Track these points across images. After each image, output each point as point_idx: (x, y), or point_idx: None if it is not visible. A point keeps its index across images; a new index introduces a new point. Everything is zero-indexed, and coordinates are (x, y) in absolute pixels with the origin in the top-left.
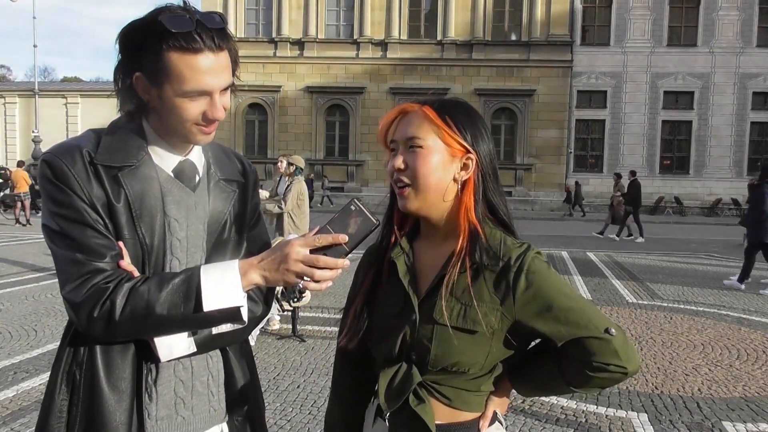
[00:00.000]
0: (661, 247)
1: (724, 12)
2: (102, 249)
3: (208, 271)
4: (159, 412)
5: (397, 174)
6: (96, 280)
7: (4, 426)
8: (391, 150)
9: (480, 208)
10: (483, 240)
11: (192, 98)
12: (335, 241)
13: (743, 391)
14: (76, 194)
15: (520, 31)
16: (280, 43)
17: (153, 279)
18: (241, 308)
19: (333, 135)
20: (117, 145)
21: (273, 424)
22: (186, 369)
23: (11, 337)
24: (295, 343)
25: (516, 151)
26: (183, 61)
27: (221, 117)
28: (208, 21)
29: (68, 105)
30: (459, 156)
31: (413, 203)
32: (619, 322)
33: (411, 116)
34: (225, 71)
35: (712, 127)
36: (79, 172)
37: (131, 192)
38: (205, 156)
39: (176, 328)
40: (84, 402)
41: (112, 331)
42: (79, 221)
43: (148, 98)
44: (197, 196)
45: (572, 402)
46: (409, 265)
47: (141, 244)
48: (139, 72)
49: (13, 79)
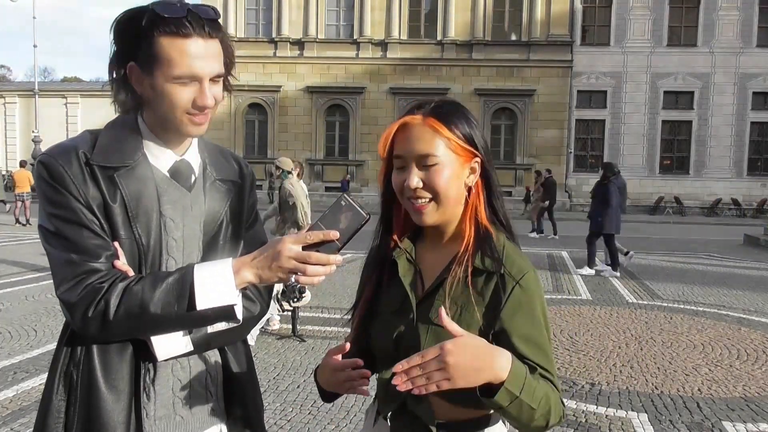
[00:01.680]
0: (661, 247)
1: (724, 12)
2: (97, 249)
3: (201, 269)
4: (157, 412)
5: (415, 192)
6: (91, 280)
7: (4, 426)
8: (395, 165)
9: (487, 209)
10: (492, 243)
11: (182, 83)
12: (327, 237)
13: (743, 391)
14: (72, 195)
15: (520, 31)
16: (280, 43)
17: (147, 278)
18: (235, 307)
19: (333, 135)
20: (113, 146)
21: (273, 424)
22: (184, 369)
23: (11, 337)
24: (295, 343)
25: (516, 151)
26: (173, 45)
27: (211, 105)
28: (200, 11)
29: (68, 105)
30: (468, 162)
31: (433, 217)
32: (619, 322)
33: (417, 131)
34: (215, 58)
35: (712, 127)
36: (75, 173)
37: (127, 192)
38: (202, 156)
39: (171, 327)
40: (81, 402)
41: (107, 331)
42: (75, 222)
43: (141, 89)
44: (193, 196)
45: (572, 402)
46: (411, 266)
47: (137, 243)
48: (132, 61)
49: (13, 79)
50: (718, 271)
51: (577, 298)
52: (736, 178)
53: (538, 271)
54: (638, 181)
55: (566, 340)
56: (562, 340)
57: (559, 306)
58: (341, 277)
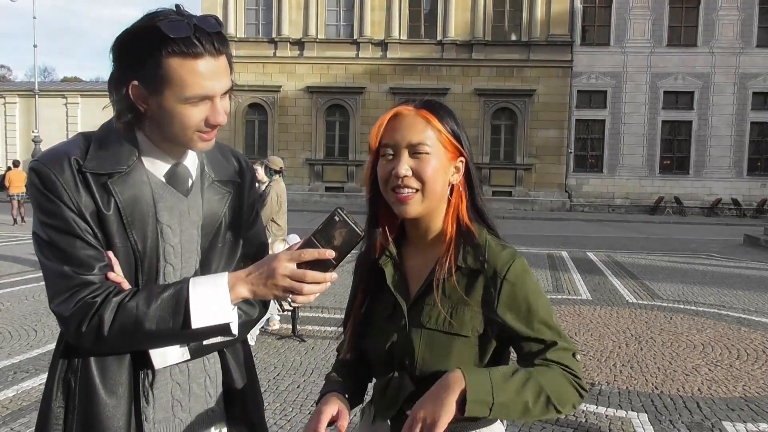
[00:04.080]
0: (661, 247)
1: (724, 12)
2: (90, 260)
3: (196, 286)
4: (156, 415)
5: (402, 180)
6: (83, 294)
7: (4, 426)
8: (382, 155)
9: (470, 209)
10: (474, 240)
11: (194, 104)
12: (322, 256)
13: (743, 391)
14: (65, 204)
15: (520, 31)
16: (280, 43)
17: (141, 293)
18: (231, 323)
19: (333, 135)
20: (107, 151)
21: (273, 424)
22: (183, 372)
23: (11, 337)
24: (295, 343)
25: (516, 151)
26: (184, 66)
27: (223, 122)
28: (205, 25)
29: (68, 105)
30: (454, 159)
31: (417, 209)
32: (619, 322)
33: (410, 120)
34: (225, 75)
35: (712, 127)
36: (68, 180)
37: (121, 199)
38: (199, 157)
39: (165, 343)
40: (80, 409)
41: (102, 345)
42: (68, 232)
43: (146, 107)
44: (190, 201)
45: None
46: (397, 271)
47: (133, 251)
48: (135, 80)
49: (13, 79)
50: (718, 271)
51: (577, 298)
52: (736, 178)
53: (538, 270)
54: (638, 181)
55: None
56: None
57: (559, 306)
58: (341, 277)
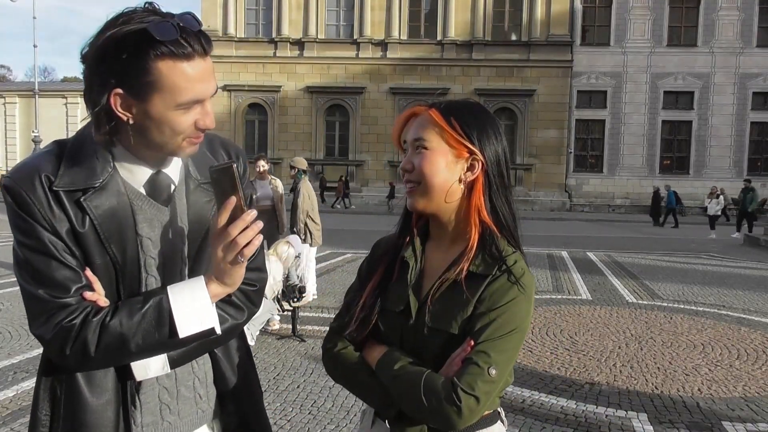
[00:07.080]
0: (661, 247)
1: (724, 12)
2: (66, 282)
3: (175, 294)
4: (144, 419)
5: (405, 174)
6: (60, 318)
7: (4, 426)
8: (404, 151)
9: (489, 211)
10: (495, 247)
11: (186, 109)
12: (228, 207)
13: (743, 391)
14: (39, 223)
15: (520, 31)
16: (280, 43)
17: (122, 310)
18: (215, 326)
19: (333, 135)
20: (80, 166)
21: (273, 424)
22: (170, 377)
23: (11, 337)
24: (295, 343)
25: (516, 151)
26: (175, 70)
27: (213, 126)
28: (189, 24)
29: (68, 105)
30: (464, 157)
31: (419, 202)
32: (619, 322)
33: (420, 119)
34: (212, 76)
35: (712, 127)
36: (40, 199)
37: (96, 215)
38: (183, 160)
39: (152, 354)
40: (66, 416)
41: (88, 365)
42: (43, 252)
43: (129, 116)
44: (172, 209)
45: (572, 402)
46: (417, 268)
47: (113, 263)
48: (119, 88)
49: (13, 79)
50: (718, 271)
51: (577, 298)
52: (736, 178)
53: (538, 270)
54: (638, 181)
55: (566, 340)
56: (562, 340)
57: (559, 306)
58: (341, 277)
